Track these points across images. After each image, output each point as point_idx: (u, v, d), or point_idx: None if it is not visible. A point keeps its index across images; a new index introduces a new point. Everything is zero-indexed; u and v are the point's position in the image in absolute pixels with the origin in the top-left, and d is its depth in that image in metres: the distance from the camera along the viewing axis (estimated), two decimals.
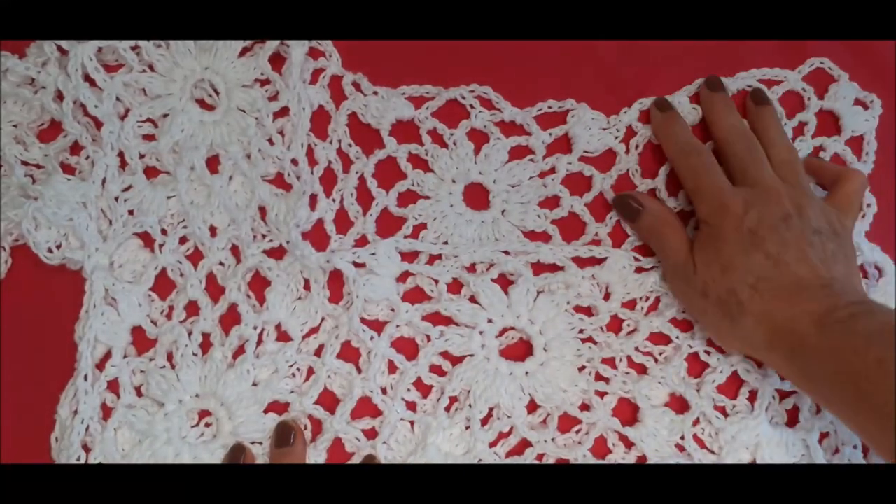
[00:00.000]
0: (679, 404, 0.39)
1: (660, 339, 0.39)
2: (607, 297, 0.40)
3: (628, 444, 0.38)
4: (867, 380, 0.31)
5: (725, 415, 0.38)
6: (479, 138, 0.41)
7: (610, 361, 0.39)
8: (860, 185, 0.39)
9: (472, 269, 0.40)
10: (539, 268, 0.40)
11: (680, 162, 0.39)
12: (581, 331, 0.39)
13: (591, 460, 0.38)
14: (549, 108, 0.41)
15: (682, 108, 0.41)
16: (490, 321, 0.39)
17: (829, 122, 0.42)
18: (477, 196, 0.41)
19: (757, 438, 0.38)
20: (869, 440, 0.33)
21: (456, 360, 0.39)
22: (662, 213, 0.39)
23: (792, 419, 0.39)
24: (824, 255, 0.35)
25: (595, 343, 0.39)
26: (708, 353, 0.39)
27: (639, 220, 0.39)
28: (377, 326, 0.39)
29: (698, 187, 0.38)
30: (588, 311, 0.39)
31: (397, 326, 0.39)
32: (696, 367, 0.39)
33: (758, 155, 0.38)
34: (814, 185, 0.41)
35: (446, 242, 0.40)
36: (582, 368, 0.39)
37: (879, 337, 0.31)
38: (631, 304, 0.40)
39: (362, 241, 0.40)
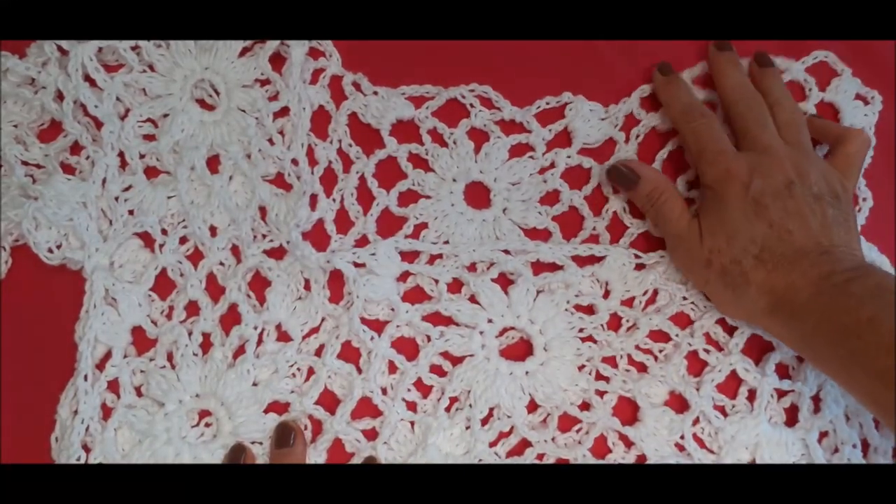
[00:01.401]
0: (679, 403, 0.39)
1: (660, 336, 0.39)
2: (607, 294, 0.40)
3: (628, 444, 0.38)
4: (858, 337, 0.32)
5: (725, 414, 0.38)
6: (479, 137, 0.41)
7: (610, 360, 0.39)
8: (862, 146, 0.39)
9: (472, 268, 0.40)
10: (539, 267, 0.40)
11: (683, 125, 0.39)
12: (581, 329, 0.39)
13: (591, 460, 0.38)
14: (548, 104, 0.41)
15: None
16: (490, 321, 0.39)
17: (829, 116, 0.42)
18: (478, 195, 0.41)
19: (756, 438, 0.38)
20: (860, 396, 0.34)
21: (456, 361, 0.39)
22: (659, 180, 0.39)
23: (791, 419, 0.39)
24: (825, 221, 0.35)
25: (595, 342, 0.39)
26: (707, 351, 0.39)
27: (636, 188, 0.39)
28: (377, 326, 0.39)
29: (702, 151, 0.38)
30: (588, 310, 0.39)
31: (397, 327, 0.39)
32: (696, 365, 0.39)
33: (761, 116, 0.38)
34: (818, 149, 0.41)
35: (447, 242, 0.40)
36: (582, 367, 0.39)
37: (871, 297, 0.32)
38: (630, 302, 0.40)
39: (363, 241, 0.40)
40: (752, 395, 0.39)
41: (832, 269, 0.34)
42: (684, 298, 0.39)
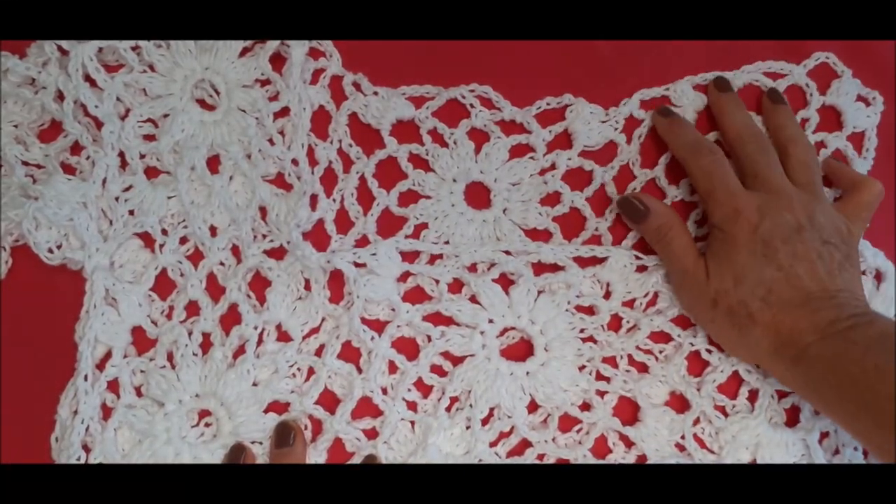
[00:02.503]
0: (679, 403, 0.39)
1: (660, 337, 0.39)
2: (608, 295, 0.40)
3: (628, 444, 0.38)
4: (866, 387, 0.32)
5: (725, 414, 0.38)
6: (479, 137, 0.41)
7: (611, 360, 0.39)
8: (875, 197, 0.39)
9: (472, 268, 0.40)
10: (540, 267, 0.40)
11: (691, 163, 0.39)
12: (582, 330, 0.39)
13: (592, 460, 0.38)
14: (548, 105, 0.41)
15: (687, 96, 0.41)
16: (491, 321, 0.39)
17: (831, 118, 0.42)
18: (478, 195, 0.41)
19: (757, 438, 0.38)
20: (869, 445, 0.33)
21: (457, 361, 0.39)
22: (668, 215, 0.38)
23: (792, 419, 0.39)
24: (832, 267, 0.35)
25: (595, 342, 0.39)
26: (710, 351, 0.39)
27: (644, 222, 0.39)
28: (378, 326, 0.39)
29: (711, 191, 0.37)
30: (589, 311, 0.39)
31: (398, 327, 0.39)
32: (697, 365, 0.39)
33: (770, 156, 0.38)
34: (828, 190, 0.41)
35: (447, 242, 0.40)
36: (582, 368, 0.39)
37: (877, 345, 0.32)
38: (631, 303, 0.40)
39: (363, 241, 0.40)
40: (752, 396, 0.39)
41: (837, 315, 0.34)
42: None
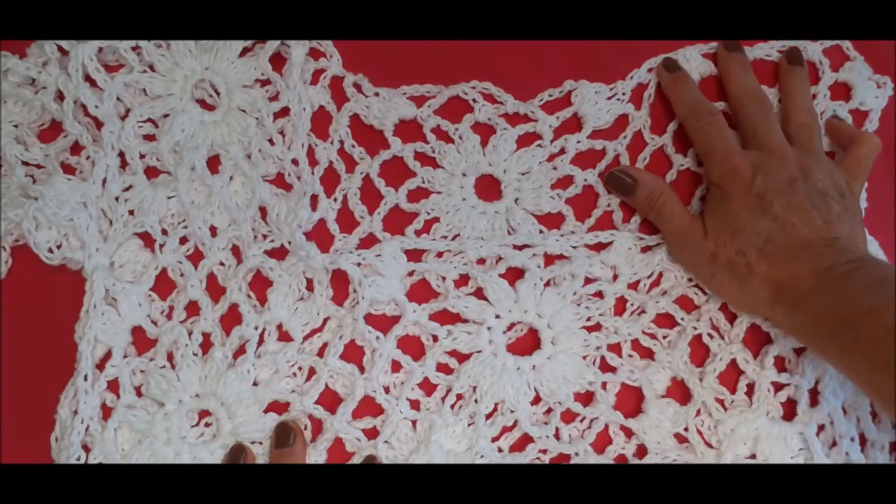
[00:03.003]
0: (682, 393, 0.39)
1: (665, 321, 0.40)
2: (614, 278, 0.40)
3: (629, 434, 0.38)
4: (859, 328, 0.32)
5: (724, 408, 0.39)
6: (484, 131, 0.41)
7: (616, 348, 0.39)
8: (871, 150, 0.39)
9: (480, 262, 0.40)
10: (548, 258, 0.40)
11: (691, 124, 0.40)
12: (588, 319, 0.39)
13: (593, 453, 0.38)
14: (550, 96, 0.42)
15: (694, 62, 0.42)
16: (498, 317, 0.39)
17: (841, 93, 0.43)
18: (488, 187, 0.41)
19: (756, 432, 0.38)
20: (862, 385, 0.34)
21: (463, 358, 0.39)
22: (656, 183, 0.39)
23: (788, 412, 0.39)
24: (829, 216, 0.36)
25: (602, 329, 0.39)
26: (711, 336, 0.39)
27: (634, 194, 0.39)
28: (383, 324, 0.39)
29: (709, 150, 0.38)
30: (596, 297, 0.40)
31: (404, 326, 0.39)
32: (699, 350, 0.40)
33: (769, 118, 0.39)
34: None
35: (458, 235, 0.40)
36: (586, 357, 0.39)
37: (875, 287, 0.33)
38: (636, 285, 0.40)
39: (369, 240, 0.40)
40: (750, 389, 0.39)
41: (834, 260, 0.34)
42: (689, 280, 0.40)
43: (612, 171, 0.40)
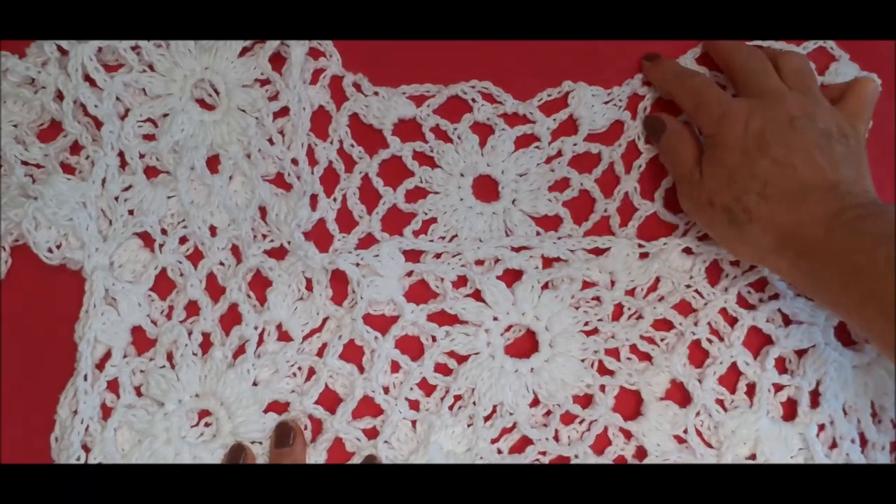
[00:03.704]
0: (681, 395, 0.39)
1: (663, 325, 0.40)
2: (612, 285, 0.40)
3: (628, 436, 0.38)
4: (875, 278, 0.30)
5: (724, 409, 0.38)
6: (483, 131, 0.41)
7: (614, 353, 0.39)
8: (872, 91, 0.38)
9: (478, 263, 0.40)
10: (546, 260, 0.40)
11: (677, 88, 0.39)
12: (586, 323, 0.39)
13: (592, 455, 0.38)
14: (549, 95, 0.41)
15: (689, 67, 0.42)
16: (496, 319, 0.39)
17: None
18: (486, 188, 0.41)
19: (756, 433, 0.38)
20: (875, 337, 0.32)
21: (461, 359, 0.39)
22: (680, 129, 0.39)
23: (789, 413, 0.39)
24: (832, 157, 0.34)
25: (600, 333, 0.39)
26: (710, 341, 0.39)
27: (661, 137, 0.39)
28: (381, 324, 0.39)
29: (699, 103, 0.37)
30: (594, 302, 0.40)
31: (402, 327, 0.39)
32: (698, 354, 0.39)
33: (762, 63, 0.38)
34: None
35: (456, 235, 0.40)
36: (584, 360, 0.39)
37: (888, 236, 0.31)
38: (633, 291, 0.40)
39: (368, 239, 0.40)
40: (750, 390, 0.39)
41: (842, 204, 0.32)
42: (687, 286, 0.40)
43: (650, 115, 0.41)
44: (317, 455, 0.37)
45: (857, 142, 0.35)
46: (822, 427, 0.39)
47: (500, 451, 0.38)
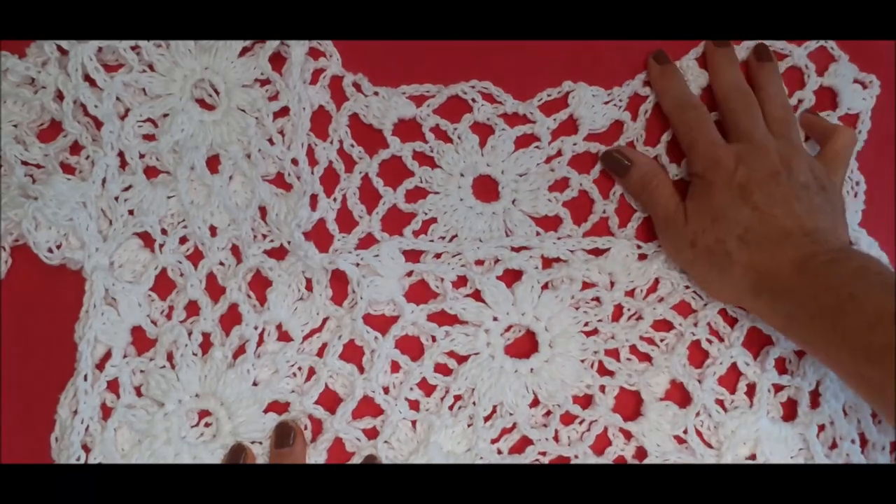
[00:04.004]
0: (681, 396, 0.39)
1: (662, 325, 0.40)
2: (611, 286, 0.40)
3: (628, 436, 0.38)
4: (841, 314, 0.32)
5: (724, 409, 0.38)
6: (483, 131, 0.41)
7: (614, 353, 0.39)
8: (849, 142, 0.40)
9: (478, 263, 0.40)
10: (546, 260, 0.40)
11: (676, 116, 0.40)
12: (586, 324, 0.39)
13: (592, 456, 0.38)
14: (549, 95, 0.41)
15: (691, 72, 0.42)
16: (496, 319, 0.39)
17: (827, 99, 0.43)
18: (486, 188, 0.41)
19: (756, 433, 0.38)
20: (844, 374, 0.34)
21: (461, 359, 0.39)
22: (650, 166, 0.40)
23: (789, 413, 0.39)
24: (810, 208, 0.36)
25: (599, 334, 0.39)
26: (710, 341, 0.39)
27: (627, 175, 0.40)
28: (381, 324, 0.39)
29: (693, 142, 0.39)
30: (594, 303, 0.40)
31: (402, 327, 0.39)
32: (697, 355, 0.39)
33: (753, 112, 0.39)
34: (808, 144, 0.41)
35: (456, 235, 0.40)
36: (584, 361, 0.39)
37: (854, 276, 0.33)
38: (632, 292, 0.40)
39: (368, 239, 0.40)
40: (750, 390, 0.39)
41: (815, 250, 0.34)
42: (686, 287, 0.40)
43: (609, 150, 0.41)
44: (317, 455, 0.37)
45: (833, 192, 0.37)
46: (822, 427, 0.39)
47: (500, 452, 0.38)
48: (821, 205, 0.36)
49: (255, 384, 0.38)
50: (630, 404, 0.39)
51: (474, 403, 0.38)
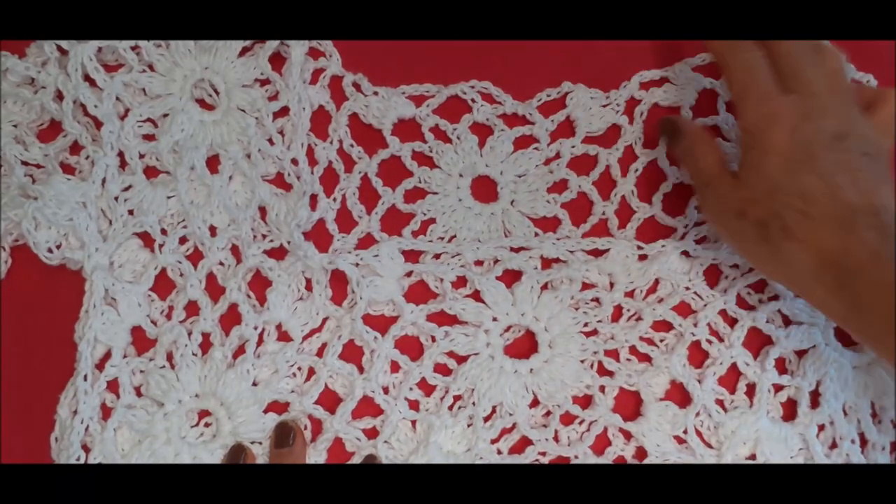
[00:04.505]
0: (681, 396, 0.39)
1: (662, 326, 0.39)
2: (611, 286, 0.40)
3: (628, 437, 0.38)
4: None
5: (724, 409, 0.39)
6: (482, 131, 0.41)
7: (613, 354, 0.39)
8: None
9: (478, 263, 0.40)
10: (546, 261, 0.40)
11: (729, 57, 0.35)
12: (586, 324, 0.39)
13: (592, 456, 0.38)
14: (549, 96, 0.41)
15: (685, 76, 0.41)
16: (495, 319, 0.39)
17: None
18: (485, 189, 0.41)
19: (756, 434, 0.38)
20: None
21: (461, 359, 0.39)
22: (698, 132, 0.38)
23: (788, 413, 0.39)
24: (874, 180, 0.32)
25: (599, 335, 0.39)
26: (710, 342, 0.39)
27: (678, 143, 0.38)
28: (381, 324, 0.39)
29: (745, 89, 0.34)
30: (593, 303, 0.40)
31: (402, 327, 0.39)
32: (697, 355, 0.39)
33: (810, 55, 0.35)
34: None
35: (455, 236, 0.40)
36: (584, 361, 0.39)
37: None
38: (632, 293, 0.40)
39: (367, 240, 0.40)
40: (750, 390, 0.39)
41: (890, 233, 0.31)
42: (686, 288, 0.39)
43: (665, 118, 0.40)
44: (317, 455, 0.37)
45: (886, 160, 0.34)
46: (822, 427, 0.39)
47: (499, 452, 0.38)
48: (879, 175, 0.32)
49: (254, 384, 0.38)
50: (630, 405, 0.39)
51: (474, 404, 0.38)
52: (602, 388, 0.39)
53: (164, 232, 0.39)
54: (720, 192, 0.35)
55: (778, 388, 0.39)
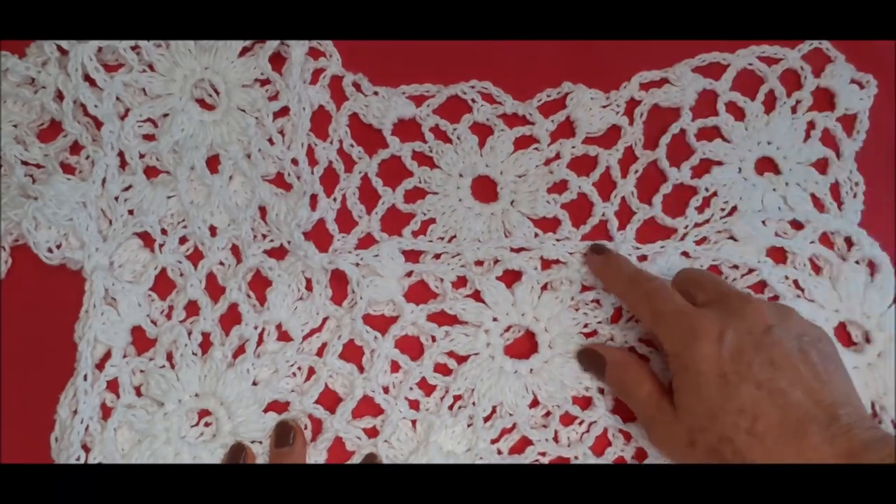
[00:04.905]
0: None
1: None
2: None
3: (628, 437, 0.38)
4: None
5: None
6: (482, 131, 0.41)
7: None
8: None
9: (478, 264, 0.40)
10: (545, 261, 0.40)
11: (632, 293, 0.35)
12: (586, 325, 0.39)
13: (592, 457, 0.38)
14: (549, 96, 0.42)
15: (686, 77, 0.41)
16: (495, 319, 0.39)
17: (825, 101, 0.43)
18: (485, 189, 0.41)
19: None
20: None
21: (461, 359, 0.39)
22: (621, 359, 0.36)
23: None
24: (816, 371, 0.30)
25: (599, 335, 0.39)
26: None
27: (604, 374, 0.37)
28: (381, 324, 0.39)
29: (659, 313, 0.33)
30: (592, 305, 0.39)
31: (402, 327, 0.39)
32: None
33: (709, 274, 0.36)
34: None
35: (455, 236, 0.40)
36: None
37: None
38: None
39: (367, 239, 0.40)
40: None
41: (849, 446, 0.29)
42: None
43: (583, 349, 0.38)
44: (317, 455, 0.37)
45: (824, 335, 0.32)
46: None
47: (499, 452, 0.38)
48: (822, 362, 0.30)
49: (254, 384, 0.38)
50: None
51: (474, 403, 0.38)
52: (601, 390, 0.39)
53: (164, 232, 0.39)
54: (666, 429, 0.33)
55: None
